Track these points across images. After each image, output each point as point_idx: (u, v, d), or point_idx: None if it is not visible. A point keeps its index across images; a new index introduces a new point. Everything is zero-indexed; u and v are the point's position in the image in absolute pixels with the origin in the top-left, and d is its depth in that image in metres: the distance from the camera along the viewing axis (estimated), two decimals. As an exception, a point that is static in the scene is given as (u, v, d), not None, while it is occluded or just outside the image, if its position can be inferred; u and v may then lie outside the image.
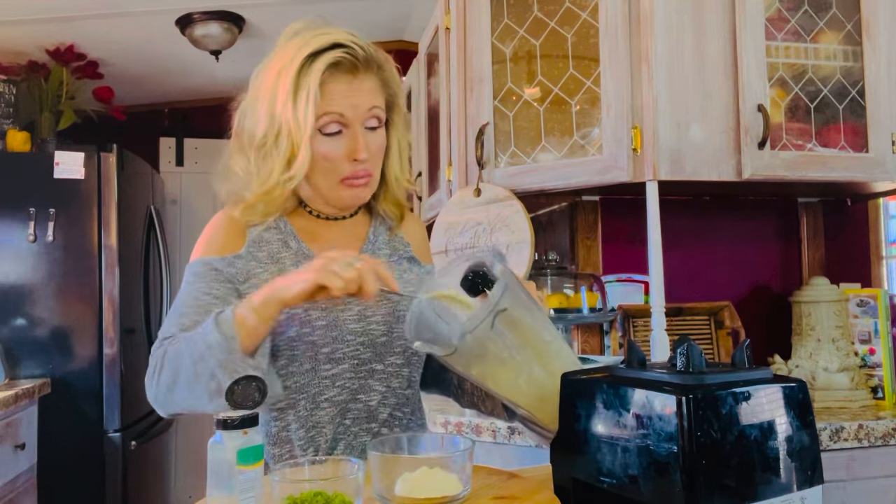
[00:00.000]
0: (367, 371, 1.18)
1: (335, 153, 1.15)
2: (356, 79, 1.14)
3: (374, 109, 1.16)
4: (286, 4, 2.97)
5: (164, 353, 1.08)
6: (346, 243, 1.24)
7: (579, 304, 1.90)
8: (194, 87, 3.95)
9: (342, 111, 1.13)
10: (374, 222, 1.29)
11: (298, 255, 1.19)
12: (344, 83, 1.13)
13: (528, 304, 1.02)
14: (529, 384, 1.00)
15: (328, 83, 1.12)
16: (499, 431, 1.74)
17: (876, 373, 1.86)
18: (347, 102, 1.13)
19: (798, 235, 2.27)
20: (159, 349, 1.09)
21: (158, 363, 1.08)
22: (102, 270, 2.97)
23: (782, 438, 0.83)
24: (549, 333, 1.03)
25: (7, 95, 3.13)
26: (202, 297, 1.14)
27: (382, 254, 1.26)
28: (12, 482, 2.53)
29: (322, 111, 1.12)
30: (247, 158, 1.17)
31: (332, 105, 1.13)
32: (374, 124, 1.17)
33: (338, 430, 1.16)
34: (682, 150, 1.73)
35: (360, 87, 1.14)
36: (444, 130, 2.23)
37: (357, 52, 1.13)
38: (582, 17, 1.86)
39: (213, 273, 1.15)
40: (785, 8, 1.85)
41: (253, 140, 1.16)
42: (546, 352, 1.01)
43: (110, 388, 2.96)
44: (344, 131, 1.15)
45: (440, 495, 0.90)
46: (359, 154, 1.14)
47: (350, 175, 1.16)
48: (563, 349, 1.04)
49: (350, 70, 1.13)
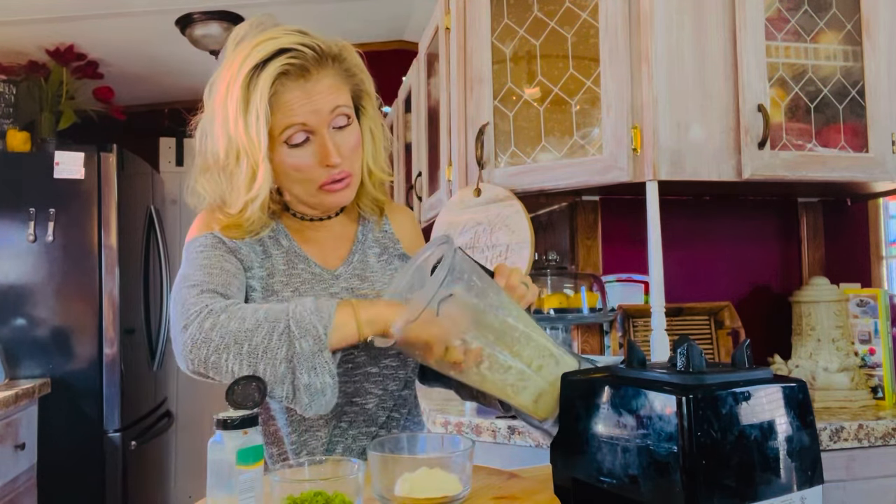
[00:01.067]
0: (362, 374, 1.16)
1: (306, 163, 1.10)
2: (310, 82, 1.07)
3: (338, 109, 1.10)
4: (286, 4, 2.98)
5: (216, 310, 0.98)
6: (335, 243, 1.23)
7: (579, 304, 1.90)
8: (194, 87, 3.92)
9: (303, 120, 1.07)
10: (361, 220, 1.26)
11: (290, 254, 1.17)
12: (298, 90, 1.06)
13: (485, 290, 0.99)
14: (495, 371, 0.98)
15: (282, 93, 1.06)
16: (499, 431, 1.74)
17: (876, 373, 1.86)
18: (306, 109, 1.07)
19: (798, 235, 2.27)
20: (203, 300, 1.00)
21: (205, 316, 0.98)
22: (102, 270, 2.97)
23: (782, 438, 0.83)
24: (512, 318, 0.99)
25: (7, 95, 3.14)
26: (225, 264, 1.09)
27: (372, 252, 1.24)
28: (12, 482, 2.53)
29: (283, 124, 1.07)
30: (215, 180, 1.12)
31: (291, 116, 1.07)
32: (341, 123, 1.11)
33: (334, 433, 1.15)
34: (682, 150, 1.73)
35: (317, 88, 1.08)
36: (444, 130, 2.23)
37: (306, 54, 1.06)
38: (582, 17, 1.86)
39: (224, 246, 1.12)
40: (785, 8, 1.85)
41: (217, 160, 1.10)
42: (510, 338, 0.98)
43: (110, 388, 2.96)
44: (311, 138, 1.09)
45: (440, 495, 0.90)
46: (330, 159, 1.09)
47: (327, 181, 1.11)
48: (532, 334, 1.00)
49: (301, 75, 1.06)
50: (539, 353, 0.99)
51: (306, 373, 0.96)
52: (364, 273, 1.21)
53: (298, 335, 0.96)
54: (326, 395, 0.98)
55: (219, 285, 1.04)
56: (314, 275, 1.17)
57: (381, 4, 3.14)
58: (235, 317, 0.98)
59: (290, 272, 1.16)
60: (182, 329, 0.99)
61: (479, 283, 0.99)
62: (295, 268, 1.17)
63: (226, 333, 0.96)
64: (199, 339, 0.97)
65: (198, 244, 1.12)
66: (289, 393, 0.97)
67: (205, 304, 1.00)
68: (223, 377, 0.97)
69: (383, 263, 1.24)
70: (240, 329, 0.96)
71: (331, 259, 1.21)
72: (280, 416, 1.15)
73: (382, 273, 1.22)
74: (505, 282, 1.06)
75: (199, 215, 1.18)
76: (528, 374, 0.98)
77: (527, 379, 0.98)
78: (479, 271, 1.01)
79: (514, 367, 0.98)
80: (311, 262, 1.18)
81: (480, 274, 1.01)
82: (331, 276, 1.18)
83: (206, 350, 0.97)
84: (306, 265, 1.17)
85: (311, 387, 0.97)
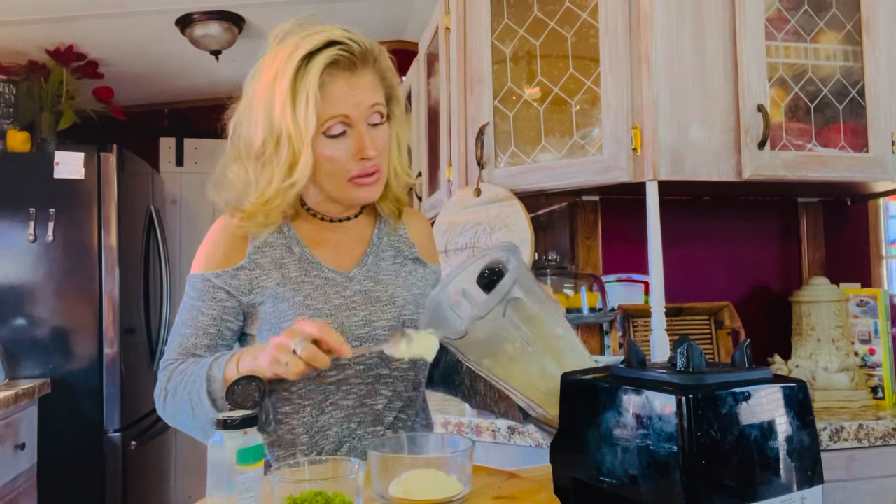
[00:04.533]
0: (374, 376, 1.17)
1: (340, 154, 1.12)
2: (355, 76, 1.11)
3: (376, 106, 1.14)
4: (286, 4, 2.97)
5: (168, 379, 1.14)
6: (350, 246, 1.23)
7: (579, 304, 1.90)
8: (194, 87, 3.95)
9: (346, 112, 1.11)
10: (378, 223, 1.27)
11: (302, 261, 1.18)
12: (344, 82, 1.10)
13: (541, 297, 1.02)
14: (542, 378, 1.00)
15: (327, 84, 1.09)
16: (499, 431, 1.74)
17: (876, 373, 1.86)
18: (350, 102, 1.11)
19: (798, 235, 2.27)
20: (164, 372, 1.15)
21: (163, 391, 1.14)
22: (102, 270, 2.97)
23: (782, 438, 0.83)
24: (561, 328, 1.03)
25: (7, 95, 3.14)
26: (199, 318, 1.16)
27: (387, 255, 1.25)
28: (12, 482, 2.53)
29: (326, 114, 1.10)
30: (244, 168, 1.15)
31: (335, 107, 1.10)
32: (377, 120, 1.15)
33: (343, 433, 1.16)
34: (682, 150, 1.73)
35: (361, 83, 1.11)
36: (444, 130, 2.23)
37: (353, 48, 1.10)
38: (582, 17, 1.86)
39: (212, 291, 1.16)
40: (785, 8, 1.85)
41: (251, 149, 1.13)
42: (558, 346, 1.02)
43: (110, 388, 2.96)
44: (348, 131, 1.12)
45: (440, 496, 0.90)
46: (367, 152, 1.12)
47: (359, 173, 1.14)
48: (576, 345, 1.05)
49: (348, 67, 1.10)
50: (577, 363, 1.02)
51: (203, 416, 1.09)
52: (378, 276, 1.21)
53: (203, 410, 1.08)
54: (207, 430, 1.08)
55: (190, 346, 1.15)
56: (327, 280, 1.18)
57: (381, 4, 3.14)
58: (172, 392, 1.13)
59: (302, 279, 1.17)
60: (155, 399, 1.16)
61: (539, 291, 1.02)
62: (308, 275, 1.17)
63: (173, 412, 1.14)
64: (164, 414, 1.16)
65: (189, 287, 1.19)
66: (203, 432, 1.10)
67: (167, 377, 1.14)
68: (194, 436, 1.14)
69: (397, 266, 1.25)
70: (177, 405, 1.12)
71: (345, 261, 1.21)
72: (295, 418, 1.15)
73: (396, 276, 1.23)
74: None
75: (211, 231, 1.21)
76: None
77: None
78: (535, 280, 1.05)
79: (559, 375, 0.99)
80: (324, 268, 1.19)
81: (536, 283, 1.04)
82: (344, 279, 1.19)
83: (171, 421, 1.16)
84: (319, 271, 1.18)
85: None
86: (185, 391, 1.09)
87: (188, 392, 1.09)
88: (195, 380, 1.08)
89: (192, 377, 1.09)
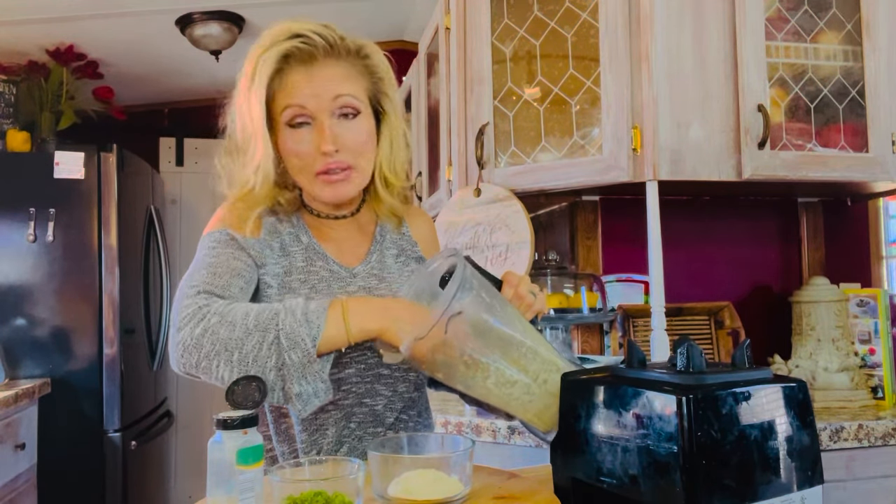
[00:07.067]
0: (374, 376, 1.16)
1: (303, 148, 1.12)
2: (314, 67, 1.11)
3: (341, 98, 1.11)
4: (286, 4, 2.97)
5: (205, 308, 0.98)
6: (354, 241, 1.23)
7: (579, 304, 1.90)
8: (194, 87, 3.95)
9: (302, 102, 1.10)
10: (380, 220, 1.26)
11: (309, 251, 1.17)
12: (301, 73, 1.11)
13: (493, 305, 0.99)
14: (501, 386, 0.98)
15: (287, 75, 1.10)
16: (499, 431, 1.74)
17: (876, 373, 1.86)
18: (306, 92, 1.10)
19: (798, 235, 2.27)
20: (195, 299, 1.00)
21: (196, 318, 0.98)
22: (102, 270, 2.97)
23: (782, 438, 0.83)
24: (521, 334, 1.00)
25: (7, 95, 3.14)
26: (233, 262, 1.09)
27: (390, 254, 1.24)
28: (12, 482, 2.53)
29: (284, 103, 1.11)
30: (231, 160, 1.16)
31: (290, 97, 1.10)
32: (346, 112, 1.12)
33: (342, 433, 1.15)
34: (682, 150, 1.73)
35: (321, 74, 1.11)
36: (444, 130, 2.23)
37: (314, 41, 1.10)
38: (582, 17, 1.86)
39: (236, 243, 1.12)
40: (785, 8, 1.85)
41: (231, 141, 1.16)
42: (517, 353, 0.98)
43: (110, 388, 2.96)
44: (312, 123, 1.12)
45: (440, 496, 0.90)
46: (324, 146, 1.10)
47: (322, 169, 1.12)
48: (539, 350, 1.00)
49: (306, 59, 1.11)
50: (545, 367, 0.99)
51: (297, 382, 0.97)
52: (381, 273, 1.21)
53: (287, 347, 0.96)
54: (320, 398, 0.99)
55: (217, 286, 1.04)
56: (332, 272, 1.17)
57: (381, 4, 3.15)
58: (226, 322, 0.97)
59: (308, 269, 1.16)
60: (176, 331, 0.99)
61: (488, 298, 0.99)
62: (313, 265, 1.17)
63: (216, 340, 0.96)
64: (189, 344, 0.97)
65: (210, 240, 1.13)
66: (280, 399, 0.98)
67: (198, 305, 1.00)
68: (214, 381, 0.98)
69: (400, 265, 1.24)
70: (230, 337, 0.96)
71: (349, 257, 1.21)
72: (293, 414, 1.15)
73: (399, 274, 1.22)
74: (513, 291, 1.07)
75: (218, 210, 1.20)
76: (534, 389, 0.98)
77: (532, 393, 0.98)
78: (488, 285, 1.01)
79: (520, 381, 0.98)
80: (329, 260, 1.18)
81: (488, 288, 1.01)
82: (349, 275, 1.18)
83: (198, 356, 0.97)
84: (325, 262, 1.17)
85: (302, 395, 0.98)
86: (255, 323, 0.97)
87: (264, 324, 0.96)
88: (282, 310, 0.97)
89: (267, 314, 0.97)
